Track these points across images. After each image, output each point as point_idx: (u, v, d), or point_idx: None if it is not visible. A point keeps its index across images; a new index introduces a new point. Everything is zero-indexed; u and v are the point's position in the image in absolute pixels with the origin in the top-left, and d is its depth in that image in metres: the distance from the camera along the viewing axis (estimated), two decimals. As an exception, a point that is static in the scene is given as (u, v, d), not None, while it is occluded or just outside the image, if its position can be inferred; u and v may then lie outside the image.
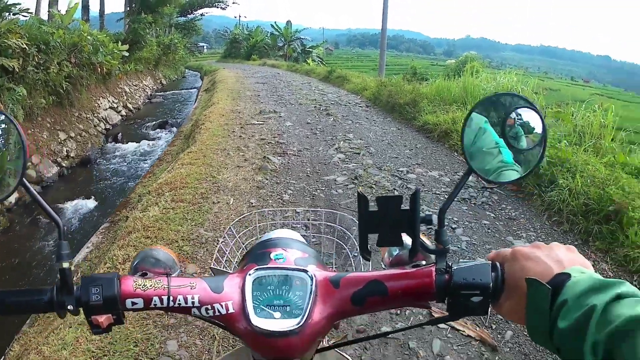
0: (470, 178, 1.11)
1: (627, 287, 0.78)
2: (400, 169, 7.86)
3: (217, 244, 2.08)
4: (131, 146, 14.90)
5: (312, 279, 1.06)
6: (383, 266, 1.26)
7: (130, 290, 1.02)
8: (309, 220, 4.84)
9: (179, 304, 1.02)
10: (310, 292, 1.04)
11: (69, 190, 11.04)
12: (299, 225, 2.22)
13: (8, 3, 12.25)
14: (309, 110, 13.41)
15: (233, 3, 56.13)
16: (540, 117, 1.10)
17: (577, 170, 6.41)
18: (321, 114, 12.68)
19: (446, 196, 4.65)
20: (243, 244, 2.05)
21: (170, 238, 5.24)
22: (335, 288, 1.06)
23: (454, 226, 5.72)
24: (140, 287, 1.02)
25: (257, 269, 1.09)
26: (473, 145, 1.15)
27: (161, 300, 1.02)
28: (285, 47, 52.71)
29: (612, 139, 8.19)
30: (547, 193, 6.34)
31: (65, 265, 1.00)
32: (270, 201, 6.41)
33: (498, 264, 1.00)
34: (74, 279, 1.00)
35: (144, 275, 1.11)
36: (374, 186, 7.05)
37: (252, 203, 6.31)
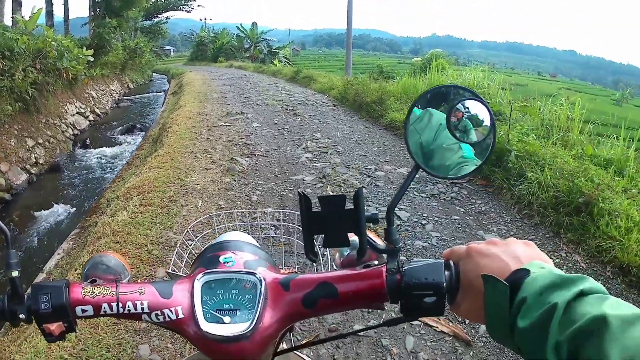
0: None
1: (589, 283, 0.76)
2: (369, 167, 7.90)
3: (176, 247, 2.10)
4: (100, 151, 14.76)
5: (261, 282, 1.07)
6: (335, 267, 1.26)
7: (79, 297, 1.02)
8: (270, 220, 4.84)
9: (129, 310, 1.03)
10: (260, 295, 1.05)
11: (39, 197, 10.91)
12: (266, 226, 2.24)
13: (-31, 11, 12.14)
14: (276, 110, 13.39)
15: (198, 6, 55.80)
16: (487, 108, 1.11)
17: (546, 163, 6.48)
18: (288, 114, 12.67)
19: (415, 193, 4.72)
20: (202, 247, 2.05)
21: (139, 242, 5.22)
22: (285, 291, 1.06)
23: (423, 222, 5.77)
24: (89, 294, 1.03)
25: (205, 273, 1.09)
26: (434, 142, 1.15)
27: (110, 307, 1.02)
28: (252, 48, 52.48)
29: (579, 132, 8.29)
30: (516, 187, 6.40)
31: (15, 274, 1.00)
32: (239, 202, 6.41)
33: (452, 263, 1.00)
34: None
35: (93, 281, 1.11)
36: (342, 184, 7.08)
37: (220, 205, 6.31)
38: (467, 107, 1.11)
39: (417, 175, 1.08)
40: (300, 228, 1.94)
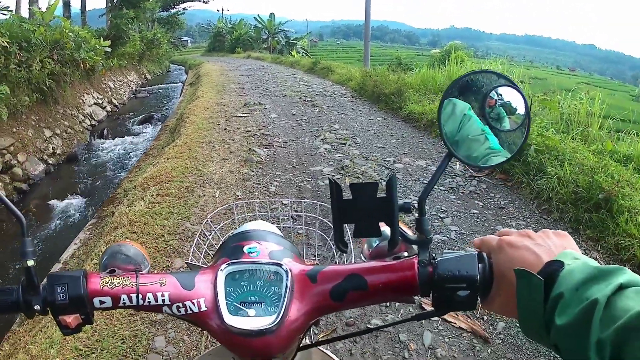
0: (458, 166, 1.08)
1: (628, 274, 0.73)
2: (387, 159, 7.83)
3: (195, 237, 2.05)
4: (117, 142, 14.79)
5: (287, 274, 1.02)
6: (363, 258, 1.20)
7: (97, 288, 0.98)
8: (289, 211, 4.79)
9: (149, 302, 0.98)
10: (286, 288, 1.01)
11: (56, 187, 10.96)
12: (285, 217, 2.18)
13: (-14, 2, 12.14)
14: (294, 101, 13.35)
15: (216, -4, 56.04)
16: (522, 96, 1.06)
17: (566, 158, 6.37)
18: (306, 105, 12.63)
19: (435, 187, 4.63)
20: (221, 237, 1.95)
21: (156, 232, 5.21)
22: (312, 283, 1.02)
23: (442, 215, 5.71)
24: (108, 284, 0.98)
25: (229, 264, 1.05)
26: (458, 133, 1.10)
27: (130, 299, 0.98)
28: (269, 39, 52.49)
29: (599, 127, 8.18)
30: (535, 181, 6.30)
31: (30, 263, 0.96)
32: (257, 193, 6.38)
33: (485, 255, 0.96)
34: None
35: (112, 272, 1.05)
36: (360, 176, 7.02)
37: (238, 195, 6.28)
38: (501, 95, 1.08)
39: (428, 167, 1.02)
40: (320, 219, 1.87)
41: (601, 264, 0.74)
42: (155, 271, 1.07)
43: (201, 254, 1.88)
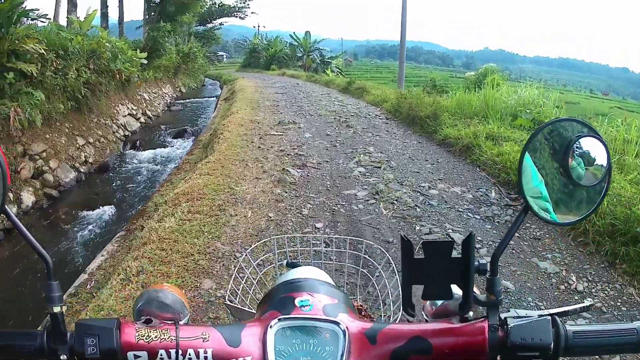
0: (493, 194, 0.98)
1: None
2: (422, 185, 7.72)
3: (233, 264, 1.95)
4: (149, 154, 14.85)
5: (344, 333, 0.92)
6: (425, 317, 1.11)
7: (132, 341, 0.89)
8: (330, 244, 4.69)
9: (190, 359, 0.88)
10: (343, 349, 0.91)
11: (87, 196, 11.00)
12: (322, 251, 2.08)
13: (26, 8, 12.24)
14: (329, 121, 13.34)
15: (252, 13, 56.23)
16: (605, 147, 0.98)
17: (603, 188, 6.21)
18: (341, 126, 12.60)
19: (469, 214, 4.51)
20: (260, 272, 1.91)
21: (185, 251, 5.15)
22: (371, 344, 0.92)
23: (477, 246, 5.60)
24: (144, 337, 0.89)
25: (280, 319, 0.94)
26: (536, 187, 1.02)
27: (169, 354, 0.88)
28: (305, 57, 52.76)
29: (635, 155, 8.01)
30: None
31: (57, 309, 0.87)
32: (289, 215, 6.29)
33: (559, 320, 0.89)
34: (88, 286, 0.88)
35: (148, 321, 0.95)
36: (395, 202, 6.90)
37: (270, 217, 6.20)
38: (580, 145, 1.00)
39: (463, 194, 0.93)
40: (366, 257, 1.74)
41: (637, 301, 0.68)
42: (195, 322, 0.97)
43: (239, 290, 1.73)
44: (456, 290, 0.92)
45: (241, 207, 6.45)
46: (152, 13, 32.90)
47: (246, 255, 1.92)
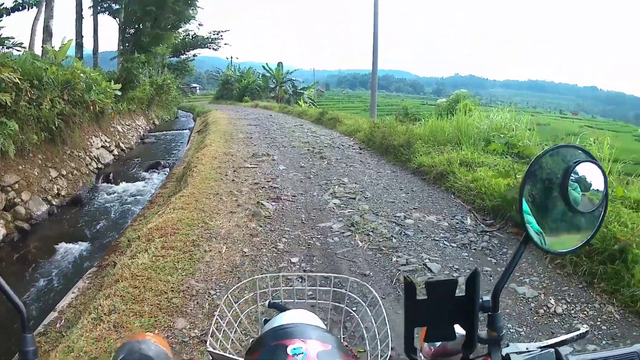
0: (469, 221, 0.97)
1: None
2: (397, 214, 7.72)
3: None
4: (123, 187, 14.73)
5: None
6: (422, 357, 1.06)
7: None
8: (314, 282, 4.64)
9: None
10: None
11: (59, 229, 10.87)
12: (304, 288, 2.02)
13: (2, 36, 12.19)
14: (302, 153, 13.36)
15: (225, 44, 56.18)
16: (602, 172, 1.00)
17: (578, 208, 6.24)
18: (315, 157, 12.62)
19: (445, 243, 4.47)
20: (242, 314, 1.83)
21: (159, 289, 5.06)
22: None
23: (455, 274, 5.61)
24: None
25: None
26: (537, 218, 1.02)
27: None
28: (277, 88, 53.02)
29: (609, 172, 8.08)
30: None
31: None
32: (264, 250, 6.23)
33: (561, 351, 0.90)
34: (58, 325, 0.83)
35: None
36: (371, 233, 6.87)
37: (245, 252, 6.13)
38: (578, 171, 1.01)
39: (439, 222, 0.93)
40: (351, 294, 1.70)
41: (616, 318, 0.67)
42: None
43: (220, 334, 1.66)
44: (458, 329, 0.90)
45: (215, 243, 6.38)
46: (127, 44, 32.91)
47: (228, 296, 1.86)
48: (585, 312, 4.78)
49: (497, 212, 7.39)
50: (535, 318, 4.69)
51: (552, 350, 0.90)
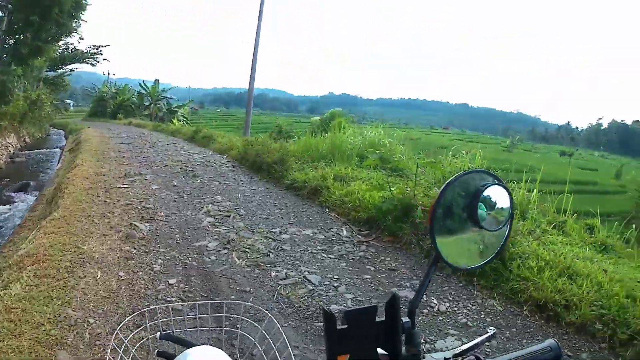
0: (345, 232, 1.07)
1: None
2: (273, 230, 7.85)
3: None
4: (-10, 210, 14.04)
5: None
6: None
7: None
8: (204, 309, 4.65)
9: None
10: None
11: None
12: (195, 316, 2.05)
13: None
14: (175, 172, 13.25)
15: (104, 60, 54.54)
16: (509, 194, 1.11)
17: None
18: (187, 176, 12.58)
19: (323, 255, 4.60)
20: (132, 349, 1.81)
21: (36, 321, 4.86)
22: None
23: (336, 284, 5.76)
24: None
25: None
26: (447, 237, 1.12)
27: None
28: (152, 106, 52.30)
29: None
30: (425, 240, 6.56)
31: None
32: (140, 273, 6.14)
33: (481, 357, 0.97)
34: None
35: None
36: (247, 250, 6.92)
37: (121, 276, 6.01)
38: (486, 193, 1.10)
39: (315, 235, 1.02)
40: (244, 319, 1.76)
41: (499, 310, 0.75)
42: None
43: None
44: (380, 351, 0.95)
45: (90, 268, 6.21)
46: (4, 55, 31.51)
47: (117, 332, 1.88)
48: (469, 308, 5.09)
49: (372, 223, 7.68)
50: (420, 318, 4.91)
51: (473, 357, 0.99)
